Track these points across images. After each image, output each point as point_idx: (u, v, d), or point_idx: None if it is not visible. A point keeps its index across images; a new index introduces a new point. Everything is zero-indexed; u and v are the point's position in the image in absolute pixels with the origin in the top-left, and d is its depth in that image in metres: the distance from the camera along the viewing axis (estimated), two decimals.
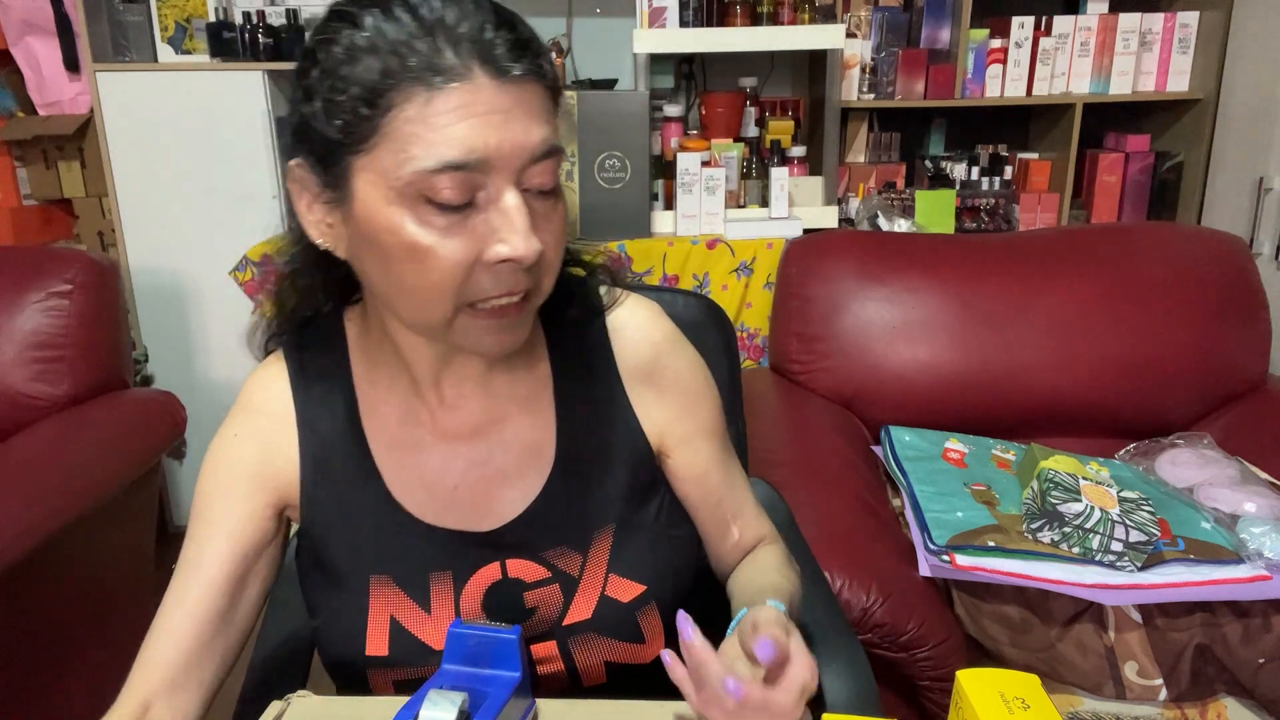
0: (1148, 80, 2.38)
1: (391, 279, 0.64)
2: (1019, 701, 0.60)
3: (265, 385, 0.77)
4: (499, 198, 0.61)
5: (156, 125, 2.28)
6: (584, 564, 0.76)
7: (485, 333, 0.65)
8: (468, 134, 0.59)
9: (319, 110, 0.61)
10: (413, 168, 0.59)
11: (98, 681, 1.68)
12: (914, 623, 1.21)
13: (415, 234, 0.61)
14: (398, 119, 0.59)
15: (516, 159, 0.61)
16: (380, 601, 0.74)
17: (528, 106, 0.61)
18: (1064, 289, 1.75)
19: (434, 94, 0.58)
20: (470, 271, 0.62)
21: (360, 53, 0.59)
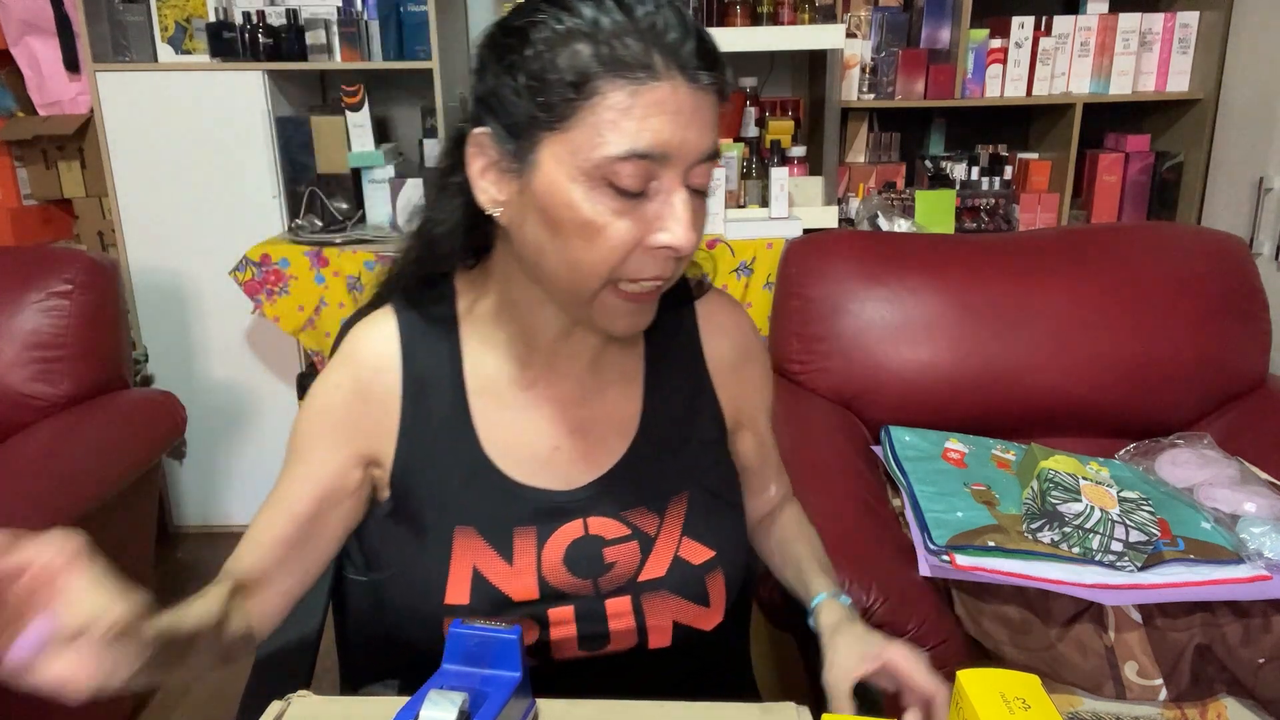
0: (1148, 80, 2.38)
1: (555, 250, 0.69)
2: (1019, 701, 0.60)
3: (373, 338, 0.81)
4: (670, 190, 0.67)
5: (156, 125, 2.28)
6: (660, 525, 0.82)
7: (622, 314, 0.71)
8: (658, 129, 0.64)
9: (521, 86, 0.66)
10: (604, 152, 0.64)
11: None
12: (914, 623, 1.21)
13: (591, 212, 0.66)
14: (600, 106, 0.64)
15: (690, 158, 0.67)
16: (463, 552, 0.78)
17: (705, 113, 0.67)
18: (1064, 289, 1.75)
19: (639, 89, 0.64)
20: (630, 253, 0.68)
21: (575, 38, 0.65)
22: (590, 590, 0.79)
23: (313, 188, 2.33)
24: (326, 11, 2.26)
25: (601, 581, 0.79)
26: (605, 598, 0.79)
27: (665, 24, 0.65)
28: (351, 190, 2.36)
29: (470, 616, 0.76)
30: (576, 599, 0.79)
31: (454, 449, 0.80)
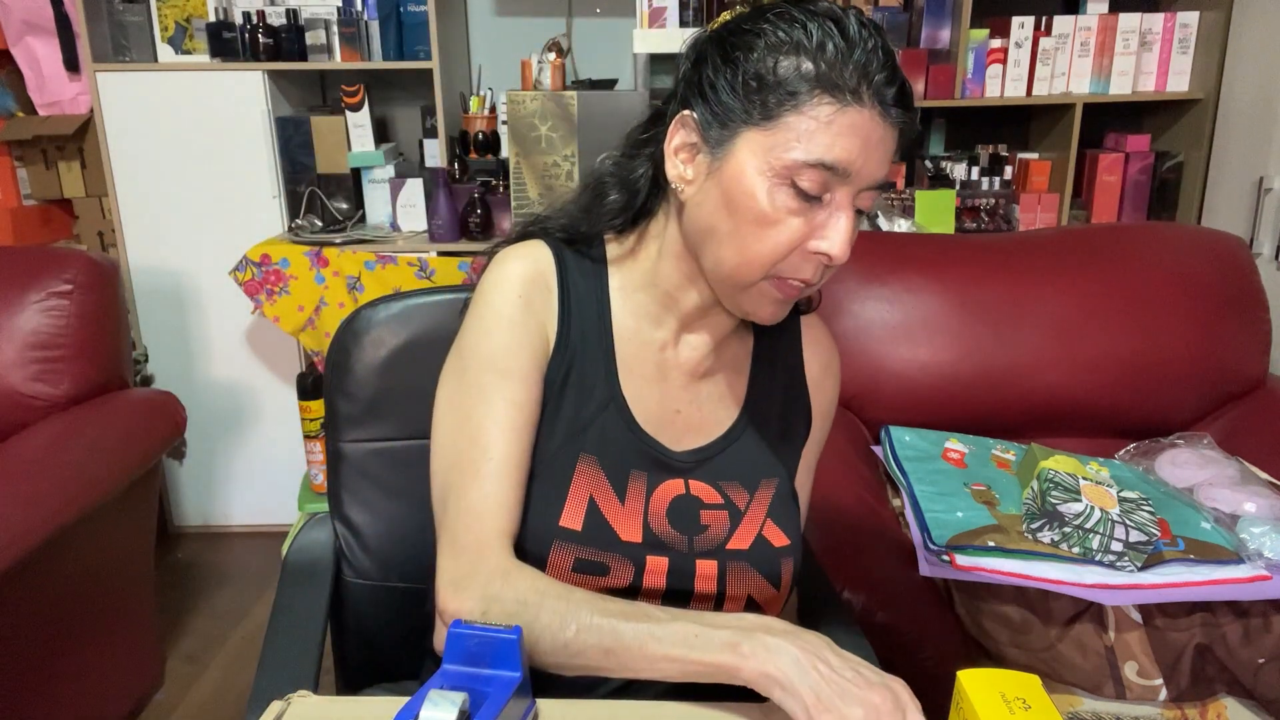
0: (1148, 80, 2.38)
1: (728, 234, 0.76)
2: (1020, 702, 0.60)
3: (536, 259, 0.85)
4: (841, 204, 0.74)
5: (156, 125, 2.28)
6: (750, 502, 0.87)
7: (771, 302, 0.78)
8: (848, 148, 0.72)
9: (740, 82, 0.74)
10: (796, 155, 0.72)
11: (98, 681, 1.68)
12: (914, 623, 1.21)
13: (768, 205, 0.73)
14: (806, 114, 0.72)
15: (865, 181, 0.73)
16: (583, 479, 0.81)
17: (888, 145, 0.74)
18: (1064, 289, 1.75)
19: (843, 108, 0.71)
20: (791, 252, 0.74)
21: (800, 52, 0.73)
22: (684, 546, 0.83)
23: (313, 188, 2.33)
24: (326, 11, 2.26)
25: (696, 541, 0.83)
26: (696, 557, 0.83)
27: (878, 63, 0.73)
28: (351, 190, 2.36)
29: (579, 545, 0.79)
30: (672, 552, 0.82)
31: (595, 379, 0.84)
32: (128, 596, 1.76)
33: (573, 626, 0.69)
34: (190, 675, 1.97)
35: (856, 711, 0.60)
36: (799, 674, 0.62)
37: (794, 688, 0.62)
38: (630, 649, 0.67)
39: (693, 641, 0.66)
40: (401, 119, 2.60)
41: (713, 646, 0.65)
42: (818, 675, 0.62)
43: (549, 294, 0.84)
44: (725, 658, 0.64)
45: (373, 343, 1.01)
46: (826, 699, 0.61)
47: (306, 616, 0.96)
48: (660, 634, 0.67)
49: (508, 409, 0.79)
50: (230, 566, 2.39)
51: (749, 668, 0.63)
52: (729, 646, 0.64)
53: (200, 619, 2.17)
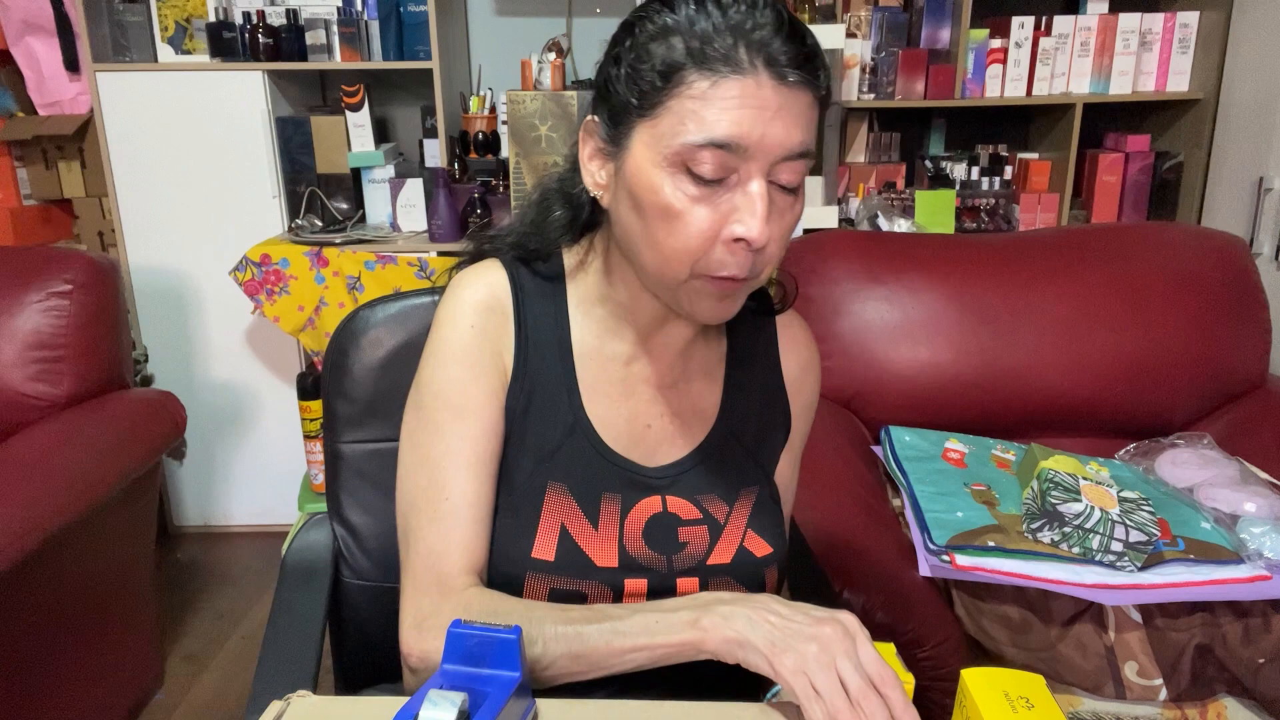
0: (1148, 80, 2.38)
1: (643, 233, 0.73)
2: (1023, 700, 0.60)
3: (486, 282, 0.83)
4: (747, 182, 0.69)
5: (156, 125, 2.28)
6: (729, 514, 0.85)
7: (709, 298, 0.73)
8: (737, 121, 0.67)
9: (623, 76, 0.72)
10: (683, 139, 0.68)
11: (98, 681, 1.68)
12: (914, 623, 1.21)
13: (670, 197, 0.70)
14: (684, 95, 0.68)
15: (772, 153, 0.68)
16: (553, 509, 0.80)
17: (794, 110, 0.69)
18: (1064, 289, 1.75)
19: (720, 80, 0.67)
20: (710, 243, 0.70)
21: (669, 34, 0.69)
22: (664, 566, 0.81)
23: (313, 188, 2.33)
24: (326, 11, 2.26)
25: (675, 559, 0.81)
26: (677, 576, 0.81)
27: (756, 22, 0.68)
28: (351, 190, 2.36)
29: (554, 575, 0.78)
30: (651, 573, 0.81)
31: (557, 404, 0.82)
32: (128, 596, 1.76)
33: (539, 642, 0.70)
34: (190, 675, 1.97)
35: (810, 647, 0.63)
36: (754, 630, 0.65)
37: (752, 643, 0.65)
38: (598, 649, 0.69)
39: (655, 629, 0.68)
40: (401, 119, 2.60)
41: (675, 628, 0.68)
42: (770, 626, 0.65)
43: (504, 319, 0.81)
44: (688, 635, 0.67)
45: (371, 343, 1.01)
46: (781, 643, 0.64)
47: (305, 617, 0.96)
48: (624, 629, 0.69)
49: (463, 445, 0.78)
50: (230, 566, 2.39)
51: (711, 638, 0.67)
52: (689, 624, 0.67)
53: (200, 619, 2.17)
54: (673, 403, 0.85)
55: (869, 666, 0.63)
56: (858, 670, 0.63)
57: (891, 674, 0.63)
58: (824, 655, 0.63)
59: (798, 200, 0.73)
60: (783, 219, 0.72)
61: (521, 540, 0.79)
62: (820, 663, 0.63)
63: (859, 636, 0.65)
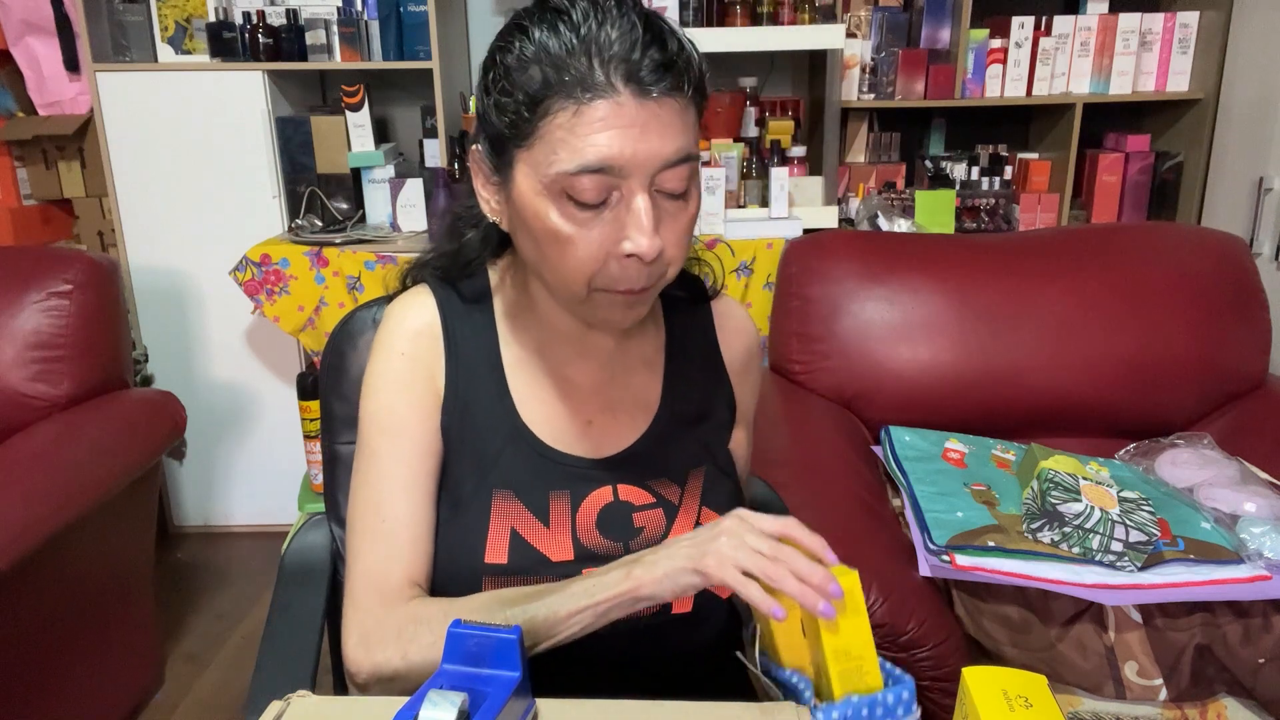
0: (1148, 80, 2.38)
1: (539, 256, 0.74)
2: (1022, 700, 0.60)
3: (413, 307, 0.85)
4: (631, 199, 0.70)
5: (156, 125, 2.28)
6: (682, 495, 0.87)
7: (614, 308, 0.75)
8: (606, 143, 0.67)
9: (492, 106, 0.72)
10: (557, 168, 0.68)
11: (98, 680, 1.68)
12: (914, 623, 1.21)
13: (557, 223, 0.70)
14: (551, 124, 0.68)
15: (650, 166, 0.69)
16: (501, 514, 0.81)
17: (665, 120, 0.69)
18: (1064, 289, 1.75)
19: (581, 107, 0.67)
20: (604, 262, 0.71)
21: (528, 63, 0.69)
22: (622, 552, 0.82)
23: (313, 188, 2.33)
24: (326, 11, 2.26)
25: (632, 544, 0.83)
26: None
27: (610, 40, 0.67)
28: (351, 190, 2.36)
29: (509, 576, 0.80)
30: (609, 560, 0.81)
31: (493, 415, 0.84)
32: (128, 596, 1.76)
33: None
34: (190, 675, 1.97)
35: (719, 542, 0.68)
36: (674, 561, 0.70)
37: (677, 570, 0.69)
38: (545, 620, 0.72)
39: (594, 590, 0.71)
40: (401, 119, 2.60)
41: (611, 585, 0.71)
42: (684, 550, 0.70)
43: (433, 341, 0.84)
44: (623, 586, 0.70)
45: (368, 345, 1.00)
46: (698, 554, 0.69)
47: (304, 618, 0.96)
48: (565, 597, 0.72)
49: (398, 467, 0.81)
50: (230, 566, 2.39)
51: (645, 583, 0.70)
52: (623, 578, 0.71)
53: (200, 619, 2.17)
54: (614, 396, 0.87)
55: (769, 528, 0.69)
56: (764, 538, 0.68)
57: (789, 521, 0.70)
58: (733, 541, 0.68)
59: (690, 201, 0.74)
60: (676, 223, 0.73)
61: (474, 548, 0.80)
62: (734, 547, 0.68)
63: (750, 516, 0.70)
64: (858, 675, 0.67)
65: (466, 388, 0.84)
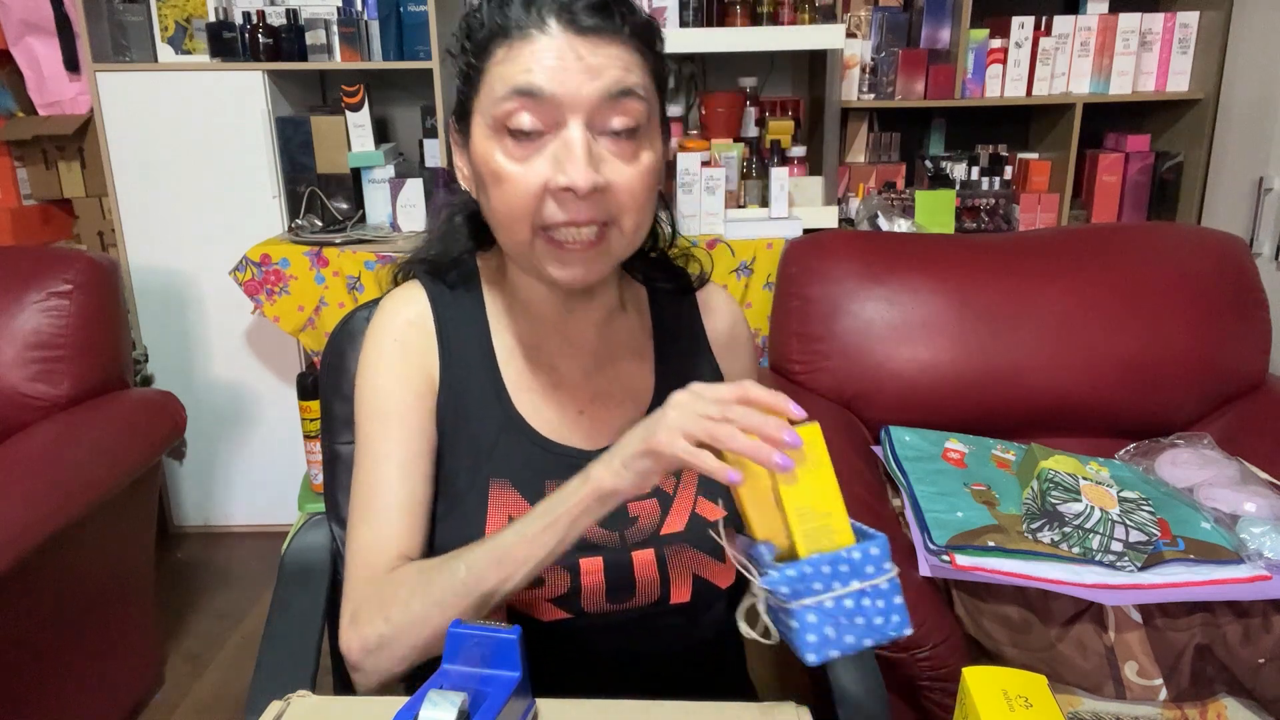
0: (1148, 80, 2.38)
1: (488, 206, 0.76)
2: (1022, 700, 0.60)
3: (408, 306, 0.86)
4: (567, 135, 0.71)
5: (156, 125, 2.28)
6: (677, 485, 0.86)
7: (555, 262, 0.75)
8: (537, 71, 0.71)
9: (458, 70, 0.78)
10: (493, 98, 0.73)
11: (98, 681, 1.68)
12: (914, 623, 1.21)
13: (500, 161, 0.73)
14: (493, 66, 0.73)
15: (584, 99, 0.71)
16: (498, 503, 0.82)
17: (602, 55, 0.71)
18: (1064, 289, 1.75)
19: (515, 43, 0.72)
20: (540, 198, 0.72)
21: (477, 20, 0.75)
22: (617, 542, 0.83)
23: (313, 188, 2.33)
24: (326, 11, 2.26)
25: (627, 534, 0.83)
26: (631, 549, 0.83)
27: None
28: (351, 190, 2.36)
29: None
30: (605, 550, 0.82)
31: (487, 405, 0.84)
32: (128, 596, 1.76)
33: (461, 568, 0.73)
34: (190, 675, 1.97)
35: (669, 415, 0.65)
36: (625, 447, 0.67)
37: (632, 457, 0.66)
38: (515, 545, 0.71)
39: (555, 506, 0.70)
40: (401, 119, 2.60)
41: (570, 494, 0.70)
42: (639, 430, 0.67)
43: (426, 336, 0.85)
44: (583, 491, 0.69)
45: None
46: (650, 435, 0.65)
47: (304, 618, 0.96)
48: (530, 520, 0.72)
49: (390, 448, 0.81)
50: (230, 566, 2.39)
51: (604, 478, 0.68)
52: (581, 482, 0.69)
53: (200, 619, 2.17)
54: (601, 386, 0.88)
55: (724, 394, 0.65)
56: (715, 403, 0.64)
57: (745, 383, 0.65)
58: (682, 412, 0.64)
59: (643, 146, 0.74)
60: (627, 169, 0.73)
61: (471, 538, 0.80)
62: (682, 419, 0.64)
63: (703, 387, 0.66)
64: (825, 534, 0.64)
65: (460, 378, 0.85)
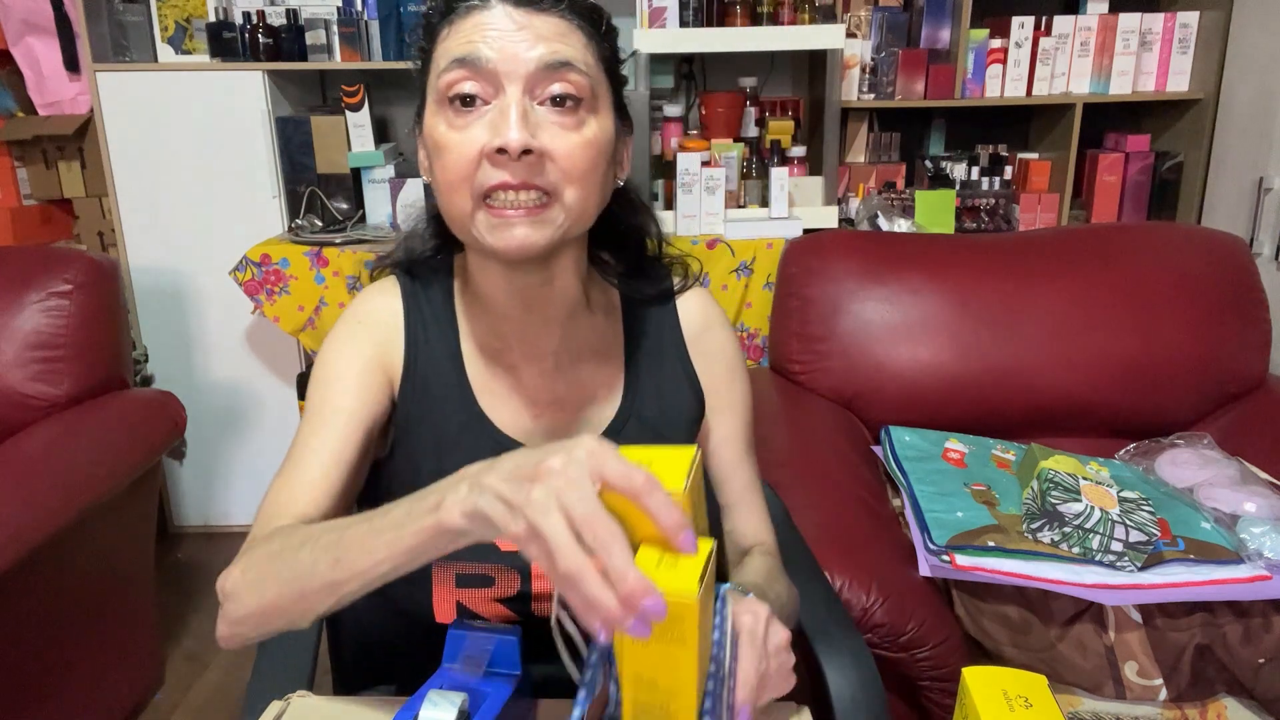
0: (1148, 80, 2.38)
1: (435, 181, 0.77)
2: (1022, 700, 0.60)
3: (379, 297, 0.87)
4: (505, 102, 0.72)
5: (156, 125, 2.28)
6: None
7: (493, 230, 0.74)
8: (476, 42, 0.72)
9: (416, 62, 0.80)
10: (438, 72, 0.74)
11: (98, 681, 1.68)
12: (914, 623, 1.21)
13: (444, 133, 0.74)
14: (439, 46, 0.75)
15: (522, 67, 0.72)
16: None
17: (541, 29, 0.73)
18: (1064, 289, 1.75)
19: (458, 19, 0.74)
20: (477, 163, 0.72)
21: (430, 8, 0.78)
22: None
23: (313, 188, 2.33)
24: (326, 11, 2.26)
25: None
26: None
27: None
28: (351, 190, 2.36)
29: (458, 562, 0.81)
30: None
31: (451, 400, 0.84)
32: (128, 596, 1.76)
33: (306, 548, 0.66)
34: (190, 675, 1.97)
35: (537, 490, 0.51)
36: (484, 494, 0.54)
37: (484, 514, 0.54)
38: (353, 547, 0.62)
39: (405, 520, 0.59)
40: (401, 119, 2.60)
41: (421, 514, 0.58)
42: (506, 480, 0.54)
43: (392, 326, 0.85)
44: (428, 520, 0.57)
45: None
46: (507, 496, 0.53)
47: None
48: (379, 524, 0.62)
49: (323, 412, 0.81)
50: None
51: (451, 517, 0.56)
52: (433, 508, 0.57)
53: (200, 619, 2.17)
54: (561, 389, 0.86)
55: (612, 478, 0.52)
56: (588, 500, 0.51)
57: (642, 479, 0.52)
58: (546, 492, 0.51)
59: (583, 121, 0.74)
60: (565, 134, 0.73)
61: None
62: (544, 505, 0.50)
63: (598, 454, 0.53)
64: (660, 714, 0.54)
65: (426, 371, 0.85)
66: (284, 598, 0.68)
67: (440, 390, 0.84)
